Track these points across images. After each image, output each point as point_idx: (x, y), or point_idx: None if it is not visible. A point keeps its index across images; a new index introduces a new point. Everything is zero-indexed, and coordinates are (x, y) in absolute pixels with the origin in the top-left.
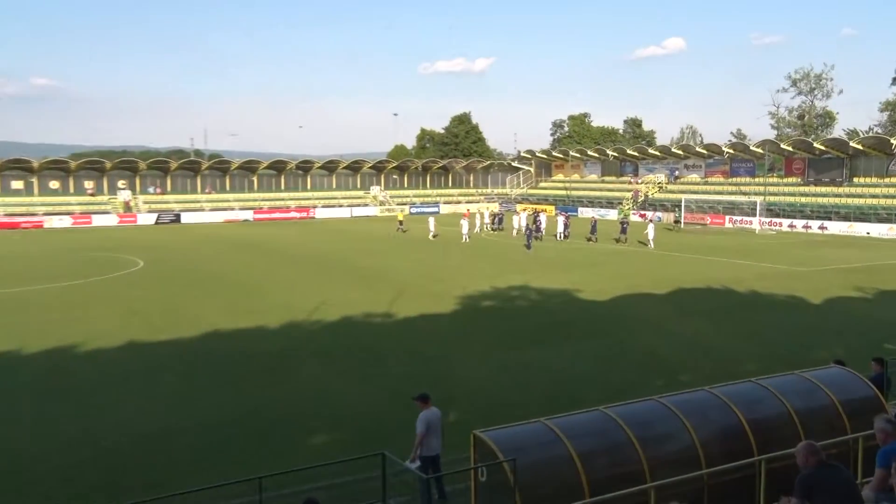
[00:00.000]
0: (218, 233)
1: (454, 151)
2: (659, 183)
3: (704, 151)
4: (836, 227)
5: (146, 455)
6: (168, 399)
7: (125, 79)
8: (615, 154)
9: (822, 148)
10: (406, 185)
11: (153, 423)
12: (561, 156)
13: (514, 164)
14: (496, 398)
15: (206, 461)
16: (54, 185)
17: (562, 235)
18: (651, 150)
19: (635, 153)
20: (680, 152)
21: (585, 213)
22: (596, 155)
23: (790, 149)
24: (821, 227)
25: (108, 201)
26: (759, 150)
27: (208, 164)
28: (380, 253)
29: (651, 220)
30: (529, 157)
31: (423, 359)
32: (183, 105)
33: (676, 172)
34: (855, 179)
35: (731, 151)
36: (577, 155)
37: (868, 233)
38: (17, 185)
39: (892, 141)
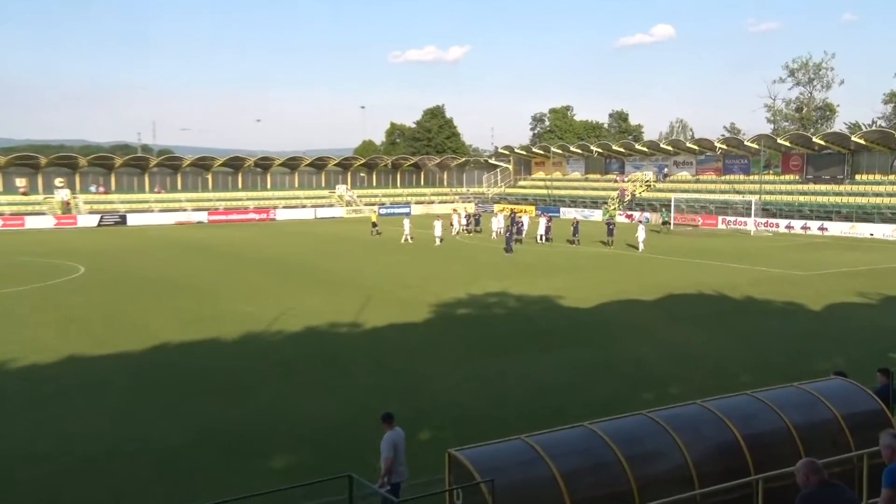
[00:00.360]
0: (168, 236)
1: (426, 147)
2: (647, 181)
3: (695, 147)
4: (836, 228)
5: (88, 479)
6: (112, 418)
7: (62, 64)
8: (599, 150)
9: (822, 143)
10: (375, 184)
11: (95, 445)
12: (541, 152)
13: (492, 161)
14: (471, 413)
15: (155, 485)
16: None
17: (543, 238)
18: (638, 146)
19: (621, 149)
20: (669, 148)
21: (568, 213)
22: (579, 151)
23: (787, 144)
24: (820, 229)
25: (44, 201)
26: (755, 146)
27: (157, 160)
28: (347, 257)
29: (641, 222)
30: (507, 153)
31: (393, 371)
32: (129, 95)
33: (665, 170)
34: (857, 177)
35: (725, 147)
36: (559, 151)
37: (871, 234)
38: None
39: None
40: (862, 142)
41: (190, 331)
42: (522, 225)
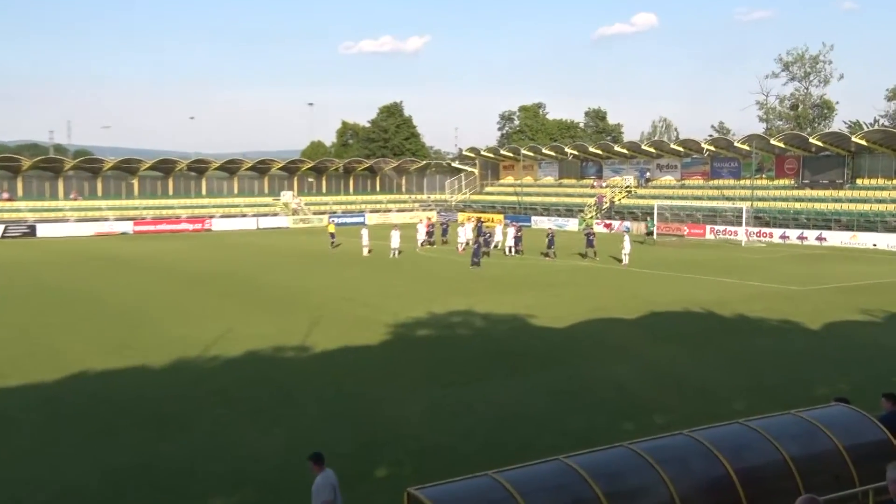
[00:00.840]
0: (86, 249)
1: (382, 149)
2: (627, 187)
3: (681, 149)
4: (836, 238)
5: None
6: (20, 460)
7: None
8: (575, 152)
9: (820, 144)
10: (324, 191)
11: (1, 495)
12: (510, 154)
13: (455, 164)
14: (433, 446)
15: None
16: None
17: (512, 250)
18: (617, 148)
19: (599, 151)
20: (651, 150)
21: (540, 223)
22: (552, 153)
23: (782, 145)
24: (818, 239)
25: None
26: (746, 147)
27: (73, 162)
28: (294, 272)
29: (626, 232)
30: (473, 156)
31: (345, 399)
32: (39, 89)
33: (647, 174)
34: (858, 181)
35: (713, 149)
36: (530, 153)
37: (874, 245)
38: None
39: None
40: (863, 143)
41: (113, 357)
42: (490, 236)
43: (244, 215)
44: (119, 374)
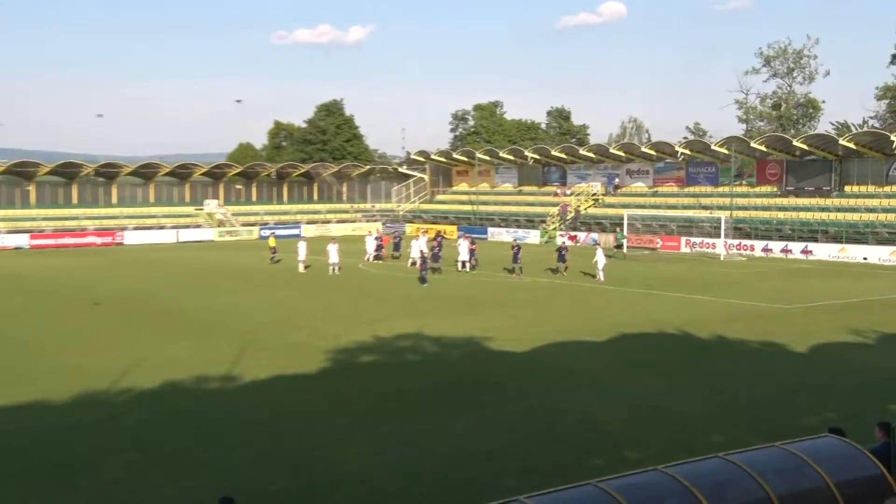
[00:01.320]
0: None
1: (321, 153)
2: (594, 194)
3: (653, 152)
4: (823, 251)
5: None
6: None
7: None
8: (536, 156)
9: (805, 147)
10: (255, 199)
11: None
12: (465, 159)
13: (403, 170)
14: (379, 488)
15: None
16: None
17: (466, 265)
18: (583, 151)
19: (562, 155)
20: (621, 153)
21: (498, 235)
22: (511, 157)
23: (763, 148)
24: (804, 252)
25: None
26: (724, 150)
27: None
28: (219, 292)
29: (599, 245)
30: (423, 160)
31: (278, 436)
32: None
33: (616, 180)
34: (846, 188)
35: (688, 152)
36: (486, 158)
37: (864, 258)
38: None
39: (892, 138)
40: (852, 146)
41: (3, 392)
42: (439, 249)
43: (162, 227)
44: (10, 413)
